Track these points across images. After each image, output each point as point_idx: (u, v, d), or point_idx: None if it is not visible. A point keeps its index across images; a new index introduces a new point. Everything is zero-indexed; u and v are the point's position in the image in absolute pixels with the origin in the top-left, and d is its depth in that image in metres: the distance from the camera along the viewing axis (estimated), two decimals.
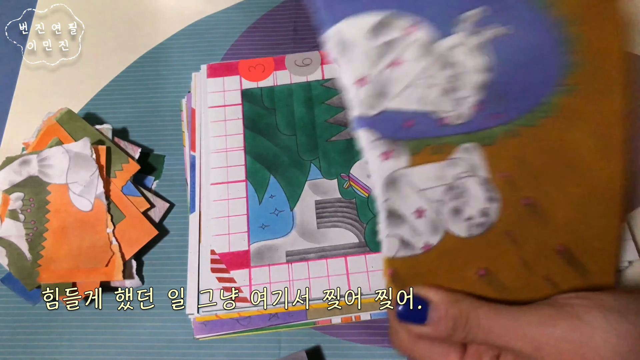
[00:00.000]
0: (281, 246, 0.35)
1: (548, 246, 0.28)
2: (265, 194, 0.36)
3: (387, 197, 0.26)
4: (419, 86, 0.26)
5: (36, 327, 0.37)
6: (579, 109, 0.27)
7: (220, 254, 0.34)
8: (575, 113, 0.27)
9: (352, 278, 0.33)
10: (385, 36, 0.26)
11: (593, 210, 0.28)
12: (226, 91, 0.40)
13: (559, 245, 0.28)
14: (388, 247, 0.26)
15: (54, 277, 0.35)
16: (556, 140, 0.28)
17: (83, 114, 0.43)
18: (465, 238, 0.27)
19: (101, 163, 0.37)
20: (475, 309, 0.26)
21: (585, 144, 0.28)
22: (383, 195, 0.26)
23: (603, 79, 0.27)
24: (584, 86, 0.27)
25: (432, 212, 0.27)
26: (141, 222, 0.37)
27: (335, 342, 0.35)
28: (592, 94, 0.27)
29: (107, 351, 0.36)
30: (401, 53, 0.26)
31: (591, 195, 0.28)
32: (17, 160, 0.37)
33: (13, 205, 0.37)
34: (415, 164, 0.26)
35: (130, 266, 0.37)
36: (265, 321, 0.34)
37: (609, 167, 0.28)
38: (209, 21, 0.47)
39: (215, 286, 0.33)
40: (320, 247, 0.34)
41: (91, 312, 0.37)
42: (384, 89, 0.26)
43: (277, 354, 0.35)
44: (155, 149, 0.42)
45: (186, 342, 0.35)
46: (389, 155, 0.26)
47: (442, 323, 0.26)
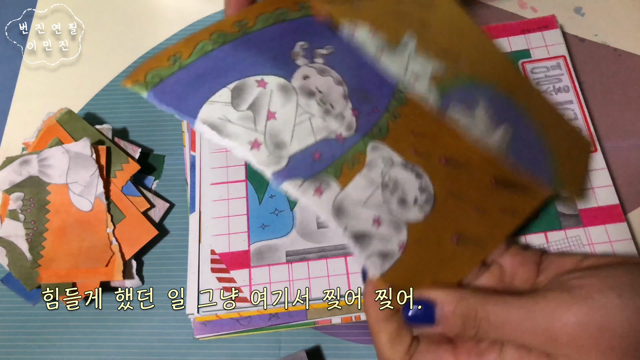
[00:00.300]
0: (281, 246, 0.35)
1: (484, 185, 0.31)
2: (265, 194, 0.36)
3: (344, 225, 0.27)
4: (303, 122, 0.28)
5: (36, 327, 0.37)
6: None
7: (220, 254, 0.34)
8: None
9: (352, 278, 0.33)
10: (245, 101, 0.28)
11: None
12: None
13: (491, 180, 0.31)
14: (374, 267, 0.27)
15: (54, 277, 0.35)
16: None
17: (83, 114, 0.43)
18: (424, 219, 0.29)
19: (101, 163, 0.37)
20: (483, 304, 0.25)
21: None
22: (340, 225, 0.27)
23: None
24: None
25: (386, 214, 0.28)
26: (141, 222, 0.37)
27: (335, 342, 0.35)
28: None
29: (107, 351, 0.36)
30: (268, 107, 0.28)
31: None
32: (17, 160, 0.37)
33: (13, 205, 0.37)
34: (345, 184, 0.28)
35: (130, 266, 0.37)
36: (265, 321, 0.34)
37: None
38: (209, 21, 0.47)
39: (215, 286, 0.33)
40: (320, 247, 0.34)
41: (91, 312, 0.37)
42: (277, 141, 0.28)
43: (277, 354, 0.35)
44: (155, 149, 0.42)
45: (186, 342, 0.35)
46: (320, 190, 0.27)
47: (451, 321, 0.25)
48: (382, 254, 0.27)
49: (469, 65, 0.32)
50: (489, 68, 0.33)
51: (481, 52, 0.33)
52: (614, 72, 0.41)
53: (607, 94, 0.40)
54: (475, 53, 0.33)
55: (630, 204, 0.36)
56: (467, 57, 0.32)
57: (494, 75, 0.33)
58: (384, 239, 0.27)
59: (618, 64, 0.41)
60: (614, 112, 0.39)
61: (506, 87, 0.33)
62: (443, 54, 0.31)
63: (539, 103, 0.34)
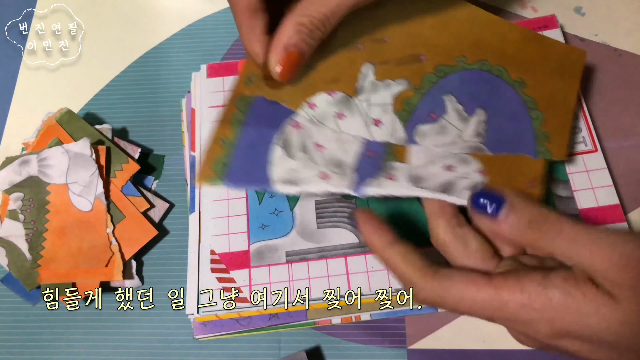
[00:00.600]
0: (281, 246, 0.34)
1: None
2: (265, 194, 0.36)
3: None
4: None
5: (36, 327, 0.37)
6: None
7: (220, 254, 0.34)
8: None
9: (352, 278, 0.33)
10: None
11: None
12: (226, 91, 0.40)
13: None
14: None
15: (53, 277, 0.35)
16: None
17: (83, 114, 0.43)
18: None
19: (101, 163, 0.37)
20: (558, 216, 0.24)
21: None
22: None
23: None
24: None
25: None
26: (141, 222, 0.37)
27: (335, 342, 0.35)
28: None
29: (107, 351, 0.36)
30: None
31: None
32: (17, 160, 0.37)
33: (13, 205, 0.37)
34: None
35: (130, 266, 0.37)
36: (265, 321, 0.34)
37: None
38: (209, 21, 0.47)
39: (215, 286, 0.33)
40: (320, 247, 0.34)
41: (91, 312, 0.37)
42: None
43: (277, 354, 0.35)
44: (155, 149, 0.42)
45: (186, 342, 0.35)
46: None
47: (517, 219, 0.25)
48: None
49: (435, 55, 0.34)
50: (454, 42, 0.34)
51: (444, 28, 0.35)
52: (614, 72, 0.41)
53: (607, 94, 0.40)
54: (439, 33, 0.34)
55: (630, 204, 0.36)
56: (432, 45, 0.34)
57: (460, 47, 0.34)
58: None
59: (618, 64, 0.41)
60: (614, 112, 0.39)
61: (476, 52, 0.34)
62: (405, 60, 0.33)
63: (517, 44, 0.35)
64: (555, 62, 0.35)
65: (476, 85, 0.33)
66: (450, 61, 0.34)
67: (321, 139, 0.31)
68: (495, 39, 0.35)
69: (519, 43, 0.35)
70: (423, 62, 0.33)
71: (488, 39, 0.35)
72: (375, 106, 0.32)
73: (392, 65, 0.33)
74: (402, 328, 0.35)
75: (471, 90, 0.33)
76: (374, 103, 0.32)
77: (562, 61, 0.35)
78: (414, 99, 0.32)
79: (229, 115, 0.31)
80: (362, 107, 0.32)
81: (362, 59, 0.33)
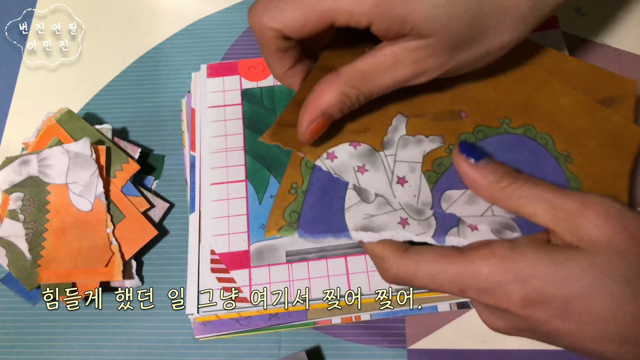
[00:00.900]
0: (281, 246, 0.34)
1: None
2: (265, 194, 0.36)
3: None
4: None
5: (36, 327, 0.37)
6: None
7: (220, 254, 0.34)
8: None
9: (352, 278, 0.33)
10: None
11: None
12: (226, 91, 0.40)
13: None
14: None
15: (53, 277, 0.35)
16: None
17: (83, 114, 0.43)
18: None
19: (101, 163, 0.37)
20: (532, 177, 0.26)
21: None
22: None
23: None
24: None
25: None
26: (141, 222, 0.37)
27: (335, 342, 0.35)
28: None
29: (107, 351, 0.36)
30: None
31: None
32: (17, 160, 0.37)
33: (13, 205, 0.37)
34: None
35: (130, 266, 0.37)
36: (265, 321, 0.34)
37: None
38: (209, 21, 0.47)
39: (215, 286, 0.33)
40: (320, 247, 0.34)
41: (91, 312, 0.37)
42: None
43: (277, 354, 0.35)
44: (155, 149, 0.42)
45: (186, 342, 0.35)
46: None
47: (496, 166, 0.26)
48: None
49: (477, 113, 0.31)
50: (499, 100, 0.31)
51: (491, 82, 0.32)
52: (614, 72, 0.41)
53: None
54: (484, 88, 0.32)
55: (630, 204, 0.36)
56: (475, 100, 0.31)
57: (506, 107, 0.31)
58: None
59: (618, 64, 0.41)
60: None
61: (522, 115, 0.31)
62: (443, 116, 0.31)
63: (569, 111, 0.31)
64: (608, 137, 0.31)
65: (517, 153, 0.30)
66: (493, 122, 0.31)
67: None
68: (545, 101, 0.32)
69: (571, 109, 0.31)
70: (462, 119, 0.31)
71: (538, 100, 0.32)
72: (402, 163, 0.30)
73: (428, 120, 0.30)
74: (402, 328, 0.35)
75: (511, 158, 0.30)
76: (401, 159, 0.30)
77: (615, 137, 0.31)
78: (446, 160, 0.30)
79: (296, 160, 0.30)
80: (387, 162, 0.30)
81: (395, 109, 0.30)
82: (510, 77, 0.32)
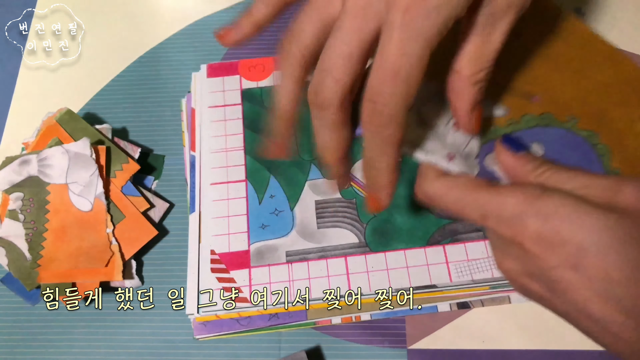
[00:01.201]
0: (281, 246, 0.34)
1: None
2: (265, 194, 0.36)
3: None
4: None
5: (36, 327, 0.37)
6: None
7: (220, 254, 0.34)
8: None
9: (352, 278, 0.33)
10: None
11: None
12: (226, 91, 0.40)
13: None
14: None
15: (53, 277, 0.35)
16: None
17: (83, 114, 0.43)
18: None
19: (101, 163, 0.37)
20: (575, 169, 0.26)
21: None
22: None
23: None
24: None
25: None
26: (141, 222, 0.37)
27: (335, 342, 0.35)
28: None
29: (107, 351, 0.36)
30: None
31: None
32: (17, 160, 0.37)
33: (13, 205, 0.37)
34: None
35: (130, 266, 0.37)
36: (265, 321, 0.34)
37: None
38: (209, 21, 0.47)
39: (215, 286, 0.33)
40: (320, 247, 0.34)
41: (91, 312, 0.37)
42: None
43: (277, 354, 0.35)
44: (155, 149, 0.42)
45: (186, 342, 0.35)
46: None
47: (534, 156, 0.27)
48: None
49: (550, 103, 0.31)
50: (579, 98, 0.31)
51: (581, 79, 0.31)
52: None
53: None
54: (571, 82, 0.31)
55: None
56: (551, 89, 0.31)
57: (583, 108, 0.31)
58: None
59: None
60: None
61: (592, 121, 0.31)
62: (516, 92, 0.31)
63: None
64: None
65: (572, 151, 0.30)
66: (561, 116, 0.31)
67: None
68: (620, 119, 0.31)
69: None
70: (532, 102, 0.31)
71: (615, 115, 0.31)
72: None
73: (500, 88, 0.30)
74: (402, 328, 0.35)
75: (563, 153, 0.30)
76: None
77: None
78: (501, 130, 0.30)
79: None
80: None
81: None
82: (593, 82, 0.32)
